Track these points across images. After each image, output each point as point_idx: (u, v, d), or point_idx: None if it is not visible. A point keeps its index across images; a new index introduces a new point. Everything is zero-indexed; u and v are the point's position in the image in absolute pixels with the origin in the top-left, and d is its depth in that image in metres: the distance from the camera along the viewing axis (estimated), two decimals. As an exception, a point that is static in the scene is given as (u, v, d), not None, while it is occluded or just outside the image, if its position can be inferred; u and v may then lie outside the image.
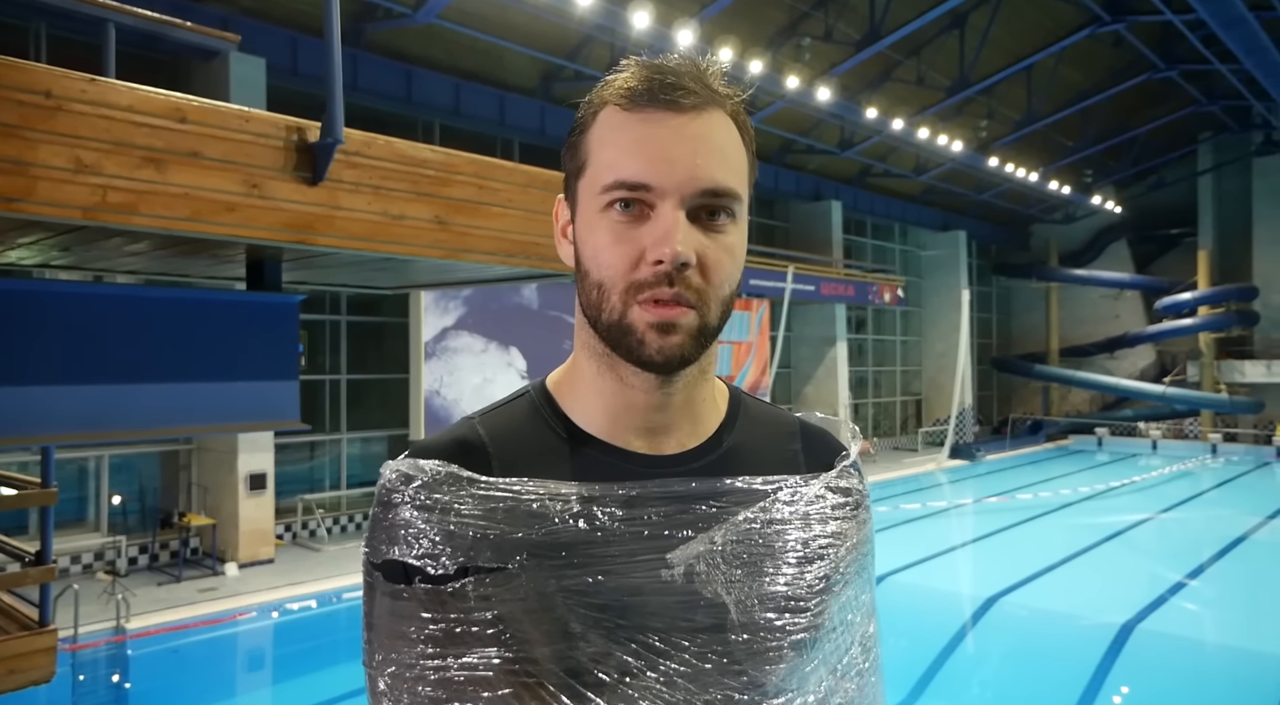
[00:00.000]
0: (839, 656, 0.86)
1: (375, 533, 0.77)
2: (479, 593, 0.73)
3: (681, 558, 0.76)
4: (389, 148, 2.46)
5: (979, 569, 10.27)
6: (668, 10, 11.32)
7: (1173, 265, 23.93)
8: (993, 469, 18.34)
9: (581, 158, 0.77)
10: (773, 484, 0.83)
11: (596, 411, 0.81)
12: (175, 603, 7.98)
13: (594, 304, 0.76)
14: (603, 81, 0.79)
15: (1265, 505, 14.07)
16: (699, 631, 0.76)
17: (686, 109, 0.74)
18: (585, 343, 0.81)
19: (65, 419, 2.58)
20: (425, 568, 0.74)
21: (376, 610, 0.77)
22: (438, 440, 0.81)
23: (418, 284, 4.06)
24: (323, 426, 11.63)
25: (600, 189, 0.74)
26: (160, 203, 2.10)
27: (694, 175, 0.73)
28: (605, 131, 0.76)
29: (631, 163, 0.73)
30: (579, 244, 0.78)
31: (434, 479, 0.77)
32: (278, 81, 9.79)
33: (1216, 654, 7.18)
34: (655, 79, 0.74)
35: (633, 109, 0.74)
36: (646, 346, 0.74)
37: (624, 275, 0.73)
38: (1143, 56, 16.40)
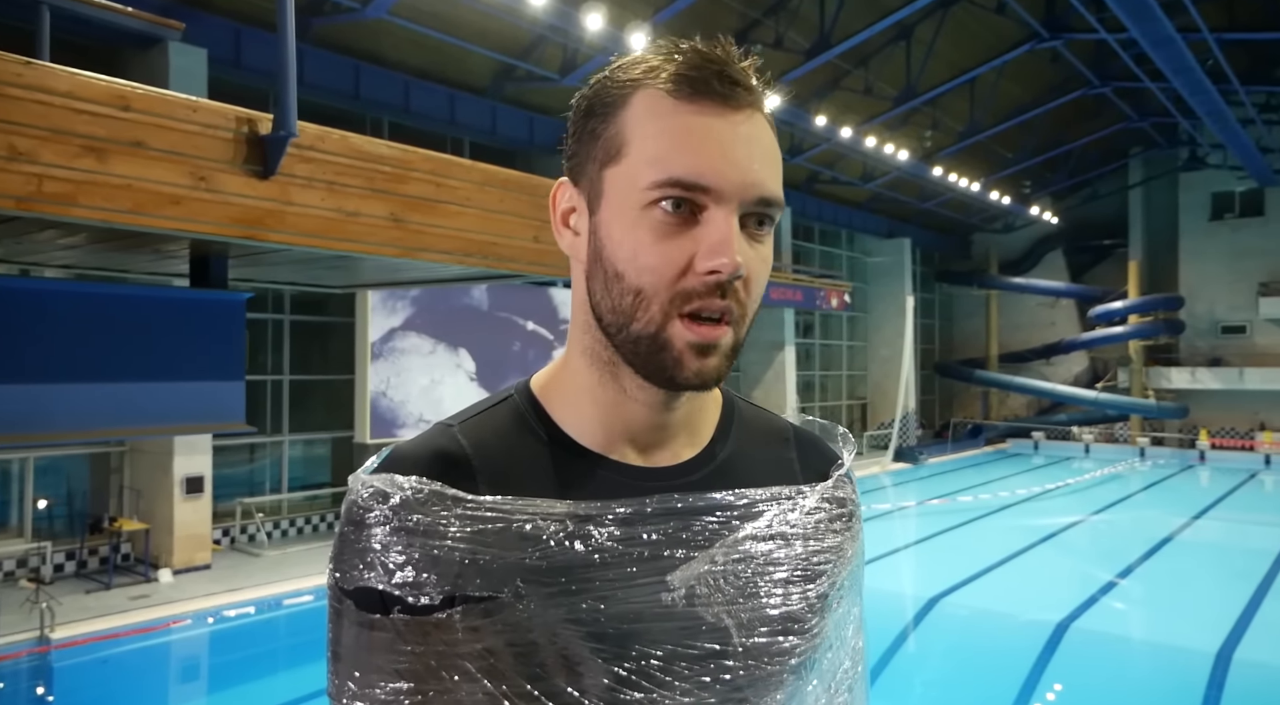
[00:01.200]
0: (832, 672, 0.84)
1: (346, 555, 0.69)
2: (468, 624, 0.67)
3: (682, 579, 0.71)
4: (344, 143, 2.39)
5: (922, 570, 10.47)
6: (621, 13, 11.33)
7: (1105, 275, 24.78)
8: (935, 472, 18.74)
9: (614, 144, 0.69)
10: (771, 496, 0.78)
11: (591, 421, 0.75)
12: (105, 611, 7.67)
13: (624, 311, 0.68)
14: (624, 59, 0.73)
15: (1189, 507, 14.65)
16: (701, 658, 0.71)
17: (742, 106, 0.68)
18: (587, 348, 0.74)
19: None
20: (405, 597, 0.67)
21: (345, 640, 0.70)
22: (415, 452, 0.73)
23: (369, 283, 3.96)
24: (264, 428, 11.33)
25: (648, 184, 0.66)
26: (100, 194, 2.00)
27: (753, 180, 0.67)
28: (649, 118, 0.67)
29: (689, 160, 0.66)
30: (605, 240, 0.70)
31: (414, 497, 0.69)
32: (220, 73, 9.51)
33: (1143, 650, 7.44)
34: (710, 68, 0.68)
35: (683, 98, 0.67)
36: (684, 368, 0.68)
37: (670, 283, 0.66)
38: (1078, 73, 16.96)
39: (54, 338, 2.53)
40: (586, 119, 0.72)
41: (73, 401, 2.44)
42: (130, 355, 2.48)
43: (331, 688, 0.71)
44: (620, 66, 0.72)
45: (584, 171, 0.72)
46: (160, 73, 8.24)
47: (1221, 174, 22.04)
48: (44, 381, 2.50)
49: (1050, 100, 18.03)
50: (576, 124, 0.73)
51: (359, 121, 11.89)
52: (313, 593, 8.53)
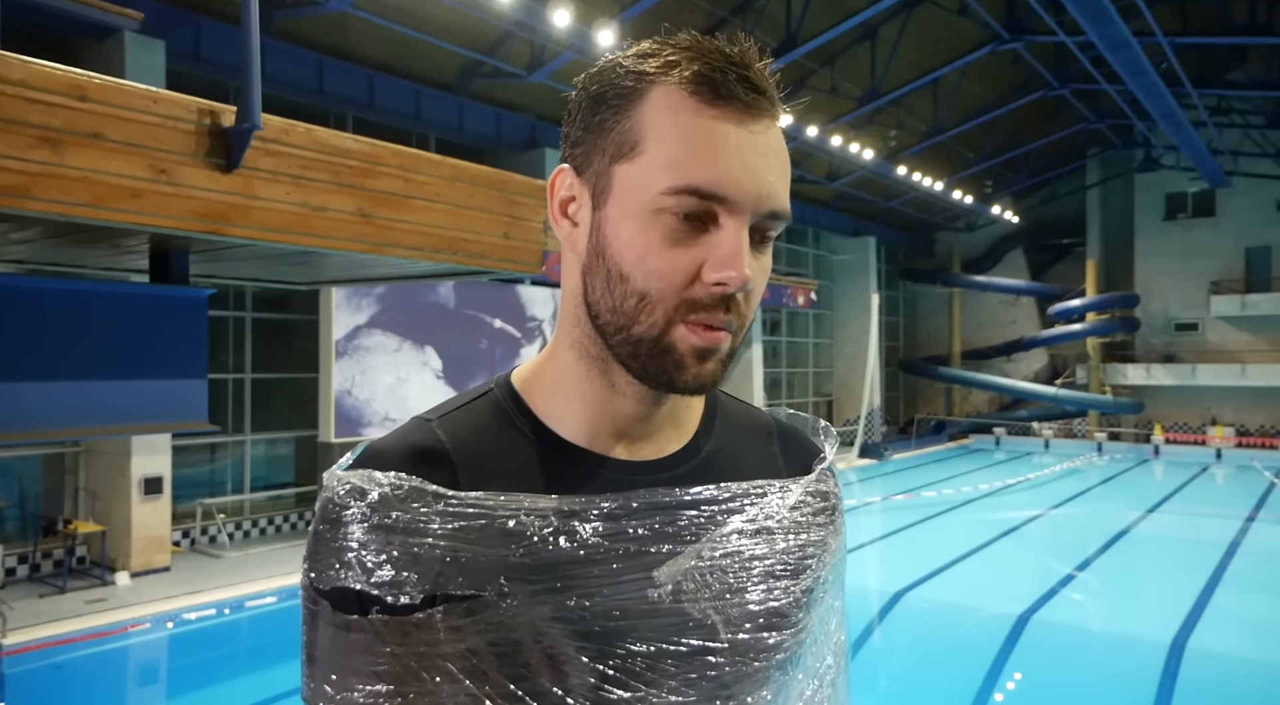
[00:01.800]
0: (816, 666, 0.83)
1: (321, 554, 0.67)
2: (449, 623, 0.65)
3: (669, 575, 0.70)
4: (310, 136, 2.35)
5: (887, 565, 10.60)
6: (588, 10, 11.30)
7: (1064, 273, 25.27)
8: (899, 467, 18.99)
9: (628, 140, 0.67)
10: (756, 490, 0.78)
11: (576, 416, 0.74)
12: (59, 615, 7.49)
13: (626, 313, 0.67)
14: (636, 49, 0.70)
15: (1144, 500, 15.02)
16: (687, 655, 0.70)
17: (762, 115, 0.67)
18: (576, 342, 0.73)
19: (-60, 419, 2.37)
20: (384, 597, 0.65)
21: (320, 642, 0.68)
22: (392, 447, 0.71)
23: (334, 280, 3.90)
24: (226, 427, 11.13)
25: (663, 188, 0.65)
26: (57, 186, 1.94)
27: (767, 193, 0.66)
28: (667, 118, 0.66)
29: (707, 169, 0.64)
30: (610, 237, 0.68)
31: (393, 493, 0.67)
32: (179, 66, 9.32)
33: (1101, 640, 7.60)
34: (733, 70, 0.66)
35: (704, 100, 0.65)
36: (685, 371, 0.67)
37: (677, 290, 0.66)
38: (1038, 74, 17.27)
39: (7, 335, 2.45)
40: (596, 108, 0.70)
41: (27, 401, 2.36)
42: (88, 353, 2.41)
43: (306, 692, 0.69)
44: (636, 55, 0.70)
45: (590, 163, 0.70)
46: (116, 64, 8.04)
47: (1175, 175, 22.61)
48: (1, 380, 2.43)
49: (1011, 101, 18.33)
50: (584, 111, 0.71)
51: (322, 116, 11.72)
52: (276, 594, 8.41)
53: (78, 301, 2.53)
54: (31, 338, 2.47)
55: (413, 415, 0.77)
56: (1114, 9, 11.03)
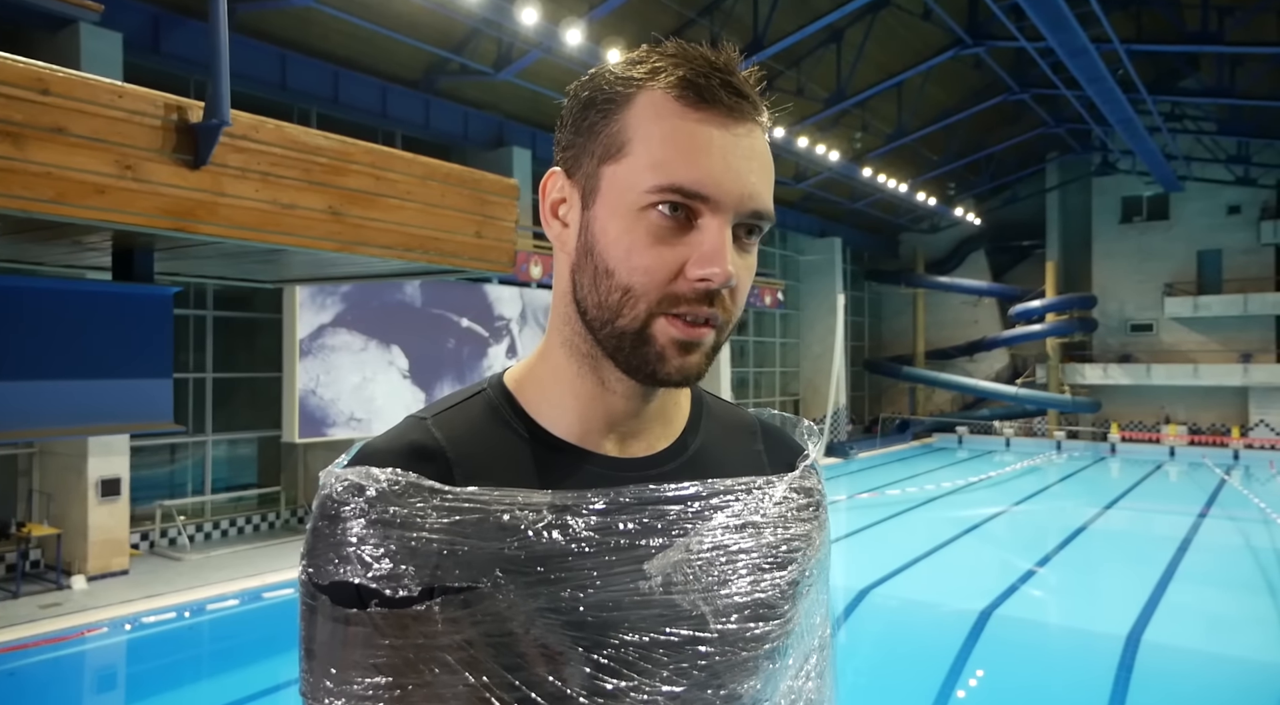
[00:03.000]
0: (804, 658, 0.85)
1: (320, 550, 0.69)
2: (447, 615, 0.66)
3: (659, 567, 0.73)
4: (279, 133, 2.31)
5: (853, 562, 10.71)
6: (556, 8, 11.27)
7: (1025, 274, 25.73)
8: (864, 466, 19.20)
9: (616, 142, 0.69)
10: (743, 486, 0.80)
11: (568, 413, 0.75)
12: (12, 620, 7.30)
13: (610, 307, 0.69)
14: (631, 56, 0.73)
15: (1102, 497, 15.37)
16: (678, 645, 0.72)
17: (745, 118, 0.70)
18: (567, 340, 0.75)
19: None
20: (383, 590, 0.66)
21: (319, 636, 0.69)
22: (388, 445, 0.73)
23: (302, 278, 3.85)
24: (187, 427, 10.92)
25: (649, 187, 0.67)
26: (19, 182, 1.89)
27: (749, 193, 0.69)
28: (653, 121, 0.68)
29: (692, 169, 0.67)
30: (597, 236, 0.70)
31: (391, 489, 0.68)
32: (137, 59, 9.13)
33: (1061, 635, 7.77)
34: (717, 76, 0.69)
35: (689, 104, 0.68)
36: (667, 363, 0.70)
37: (660, 285, 0.68)
38: (1000, 79, 17.57)
39: (-38, 333, 2.39)
40: (586, 112, 0.72)
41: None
42: (50, 352, 2.35)
43: (306, 686, 0.70)
44: (626, 62, 0.72)
45: (580, 165, 0.72)
46: (71, 57, 7.85)
47: (1130, 179, 23.15)
48: (-49, 379, 2.36)
49: (973, 105, 18.63)
50: (574, 116, 0.73)
51: (286, 112, 11.54)
52: (238, 597, 8.28)
53: (40, 299, 2.47)
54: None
55: (407, 414, 0.78)
56: (1072, 16, 11.27)
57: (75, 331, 2.41)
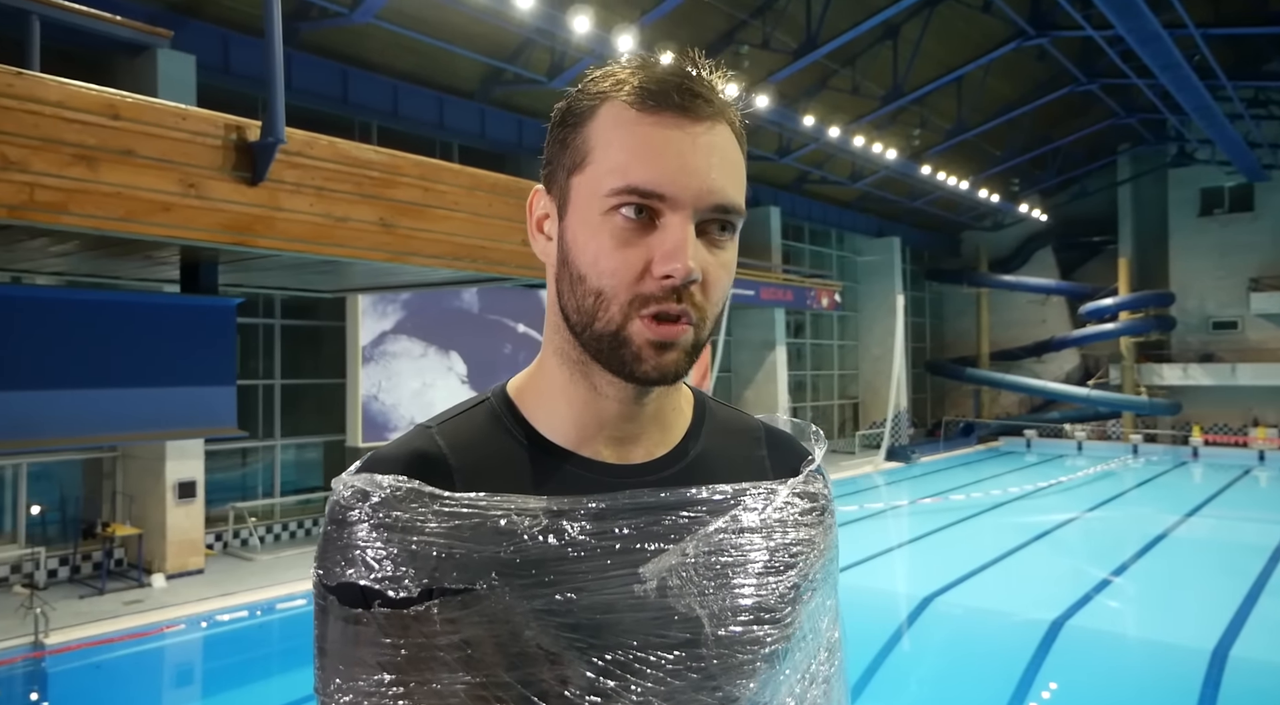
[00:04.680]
0: (807, 664, 0.85)
1: (329, 553, 0.72)
2: (445, 616, 0.69)
3: (654, 571, 0.74)
4: (332, 148, 2.40)
5: (915, 569, 10.50)
6: (608, 15, 11.35)
7: (1095, 272, 24.87)
8: (927, 470, 18.78)
9: (580, 153, 0.72)
10: (742, 491, 0.81)
11: (564, 420, 0.78)
12: (98, 616, 7.65)
13: (586, 311, 0.72)
14: (596, 72, 0.75)
15: (1183, 504, 14.71)
16: (673, 647, 0.73)
17: (702, 117, 0.71)
18: (558, 348, 0.77)
19: (-16, 427, 2.45)
20: (385, 591, 0.69)
21: (330, 635, 0.72)
22: (394, 452, 0.76)
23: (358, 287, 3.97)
24: (256, 432, 11.31)
25: (608, 191, 0.70)
26: (92, 202, 2.01)
27: (709, 188, 0.70)
28: (612, 129, 0.71)
29: (646, 169, 0.69)
30: (570, 244, 0.73)
31: (393, 495, 0.72)
32: (209, 80, 9.51)
33: (1140, 648, 7.45)
34: (670, 81, 0.71)
35: (645, 110, 0.70)
36: (643, 362, 0.71)
37: (628, 286, 0.70)
38: (1065, 70, 17.05)
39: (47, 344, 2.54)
40: (559, 129, 0.75)
41: (65, 408, 2.44)
42: (122, 361, 2.48)
43: (318, 683, 0.73)
44: (592, 78, 0.75)
45: (555, 179, 0.76)
46: (149, 80, 8.21)
47: (1210, 169, 22.15)
48: (37, 388, 2.51)
49: (1037, 97, 18.11)
50: (551, 133, 0.77)
51: (348, 126, 11.88)
52: (305, 597, 8.52)
53: (113, 312, 2.61)
54: (67, 347, 2.55)
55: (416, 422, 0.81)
56: (1142, 1, 10.87)
57: (145, 342, 2.54)
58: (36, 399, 2.47)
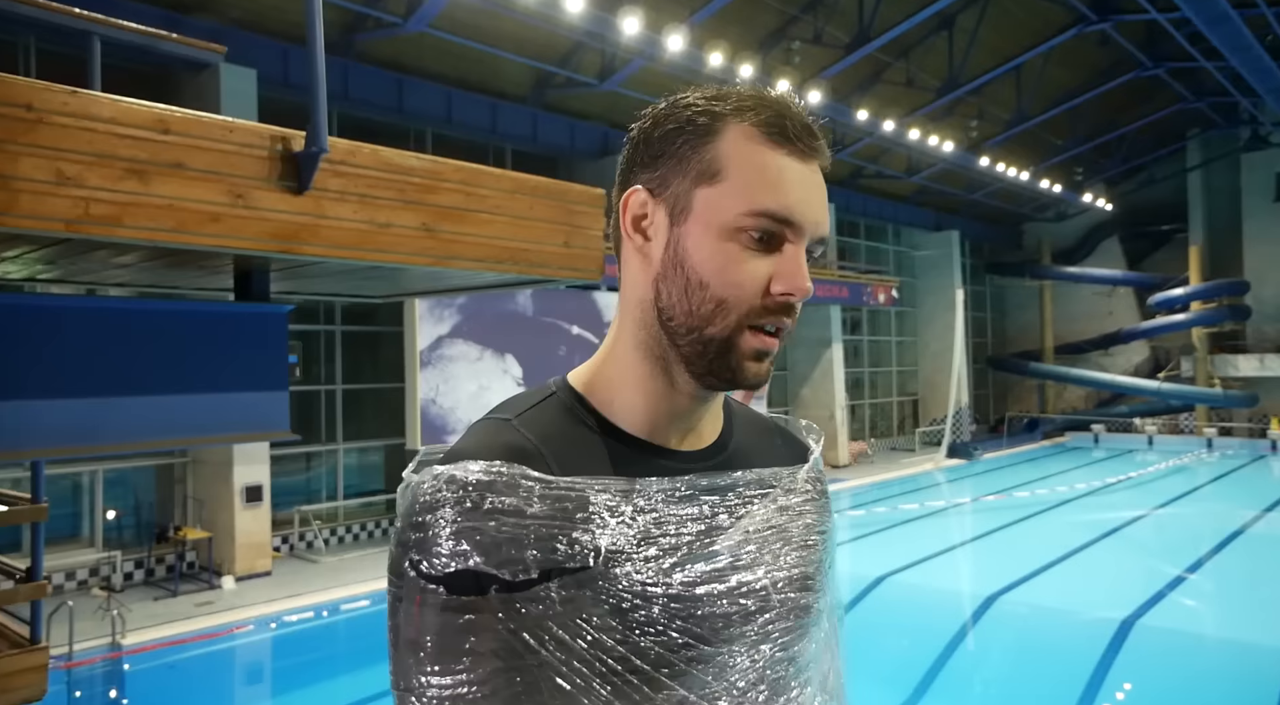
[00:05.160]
0: (830, 626, 0.96)
1: (432, 543, 0.72)
2: (564, 595, 0.73)
3: (727, 546, 0.82)
4: (374, 156, 2.45)
5: (978, 567, 10.27)
6: (657, 16, 11.36)
7: (1164, 261, 24.00)
8: (990, 467, 18.36)
9: (713, 167, 0.78)
10: (776, 475, 0.91)
11: (638, 410, 0.83)
12: (172, 617, 7.93)
13: (702, 316, 0.78)
14: (708, 91, 0.81)
15: (1261, 498, 14.11)
16: (750, 614, 0.81)
17: (815, 156, 0.80)
18: (641, 343, 0.83)
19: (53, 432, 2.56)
20: (502, 574, 0.72)
21: (431, 628, 0.72)
22: (486, 444, 0.78)
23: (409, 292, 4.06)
24: (318, 437, 11.60)
25: (745, 210, 0.77)
26: (144, 214, 2.09)
27: (820, 222, 0.80)
28: (748, 152, 0.78)
29: (784, 198, 0.77)
30: (690, 251, 0.79)
31: (499, 481, 0.74)
32: (269, 92, 9.79)
33: (1217, 648, 7.18)
34: (797, 120, 0.79)
35: (774, 140, 0.78)
36: (745, 370, 0.79)
37: (752, 298, 0.78)
38: (1129, 55, 16.48)
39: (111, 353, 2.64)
40: (674, 138, 0.80)
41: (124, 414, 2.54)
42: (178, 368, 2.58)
43: (402, 681, 0.73)
44: (702, 97, 0.81)
45: (667, 185, 0.81)
46: (212, 94, 8.51)
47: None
48: (100, 395, 2.62)
49: (1100, 84, 17.55)
50: (659, 141, 0.81)
51: (403, 134, 12.12)
52: (369, 597, 8.71)
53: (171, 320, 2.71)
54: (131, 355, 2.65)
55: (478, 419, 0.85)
56: (1209, -19, 10.45)
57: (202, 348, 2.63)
58: (100, 406, 2.58)
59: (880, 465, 17.92)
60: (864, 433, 20.92)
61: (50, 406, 2.46)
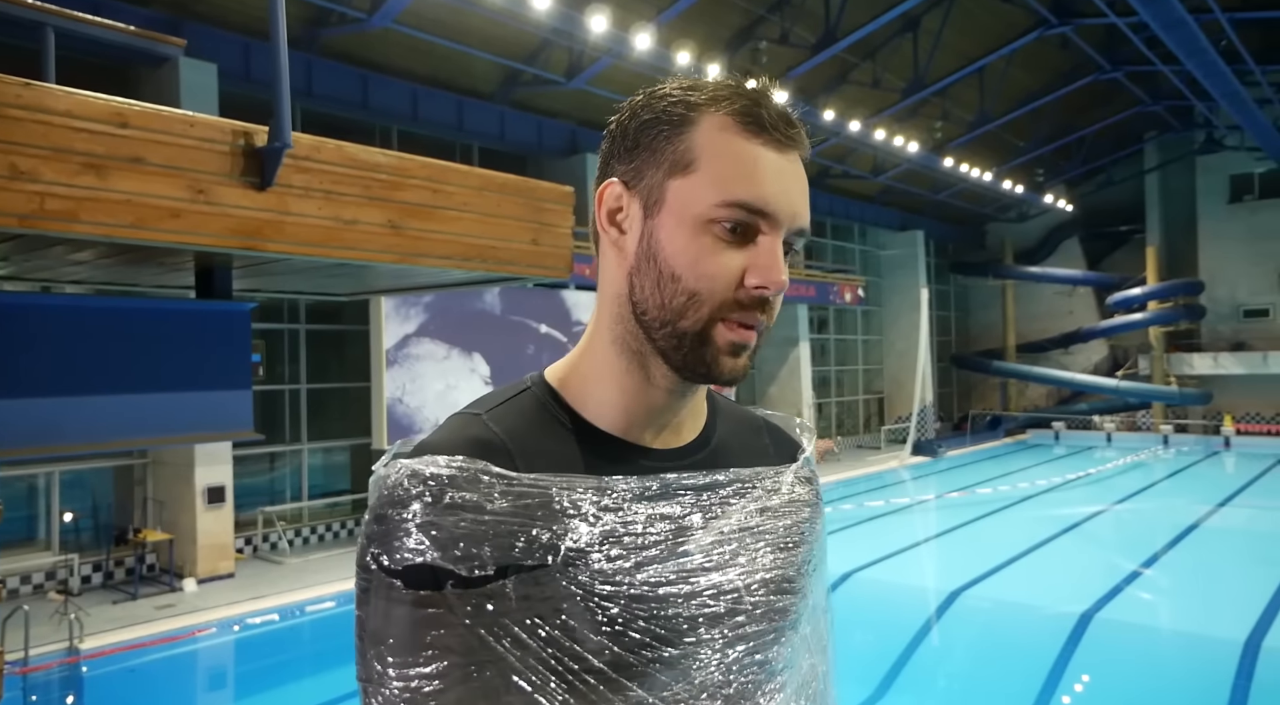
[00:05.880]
0: (814, 629, 0.94)
1: (391, 536, 0.72)
2: (520, 593, 0.72)
3: (699, 547, 0.80)
4: (339, 152, 2.42)
5: (942, 563, 10.42)
6: (625, 14, 11.35)
7: (1123, 261, 24.49)
8: (954, 465, 18.62)
9: (684, 158, 0.76)
10: (758, 474, 0.88)
11: (613, 407, 0.82)
12: (131, 621, 7.78)
13: (674, 309, 0.76)
14: (683, 82, 0.79)
15: (1215, 494, 14.48)
16: (720, 617, 0.80)
17: (794, 146, 0.78)
18: (618, 337, 0.81)
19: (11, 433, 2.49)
20: (459, 571, 0.70)
21: (387, 621, 0.71)
22: (449, 439, 0.77)
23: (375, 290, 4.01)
24: (282, 437, 11.44)
25: (718, 201, 0.75)
26: (102, 210, 2.04)
27: (798, 213, 0.77)
28: (721, 142, 0.76)
29: (758, 188, 0.75)
30: (663, 243, 0.77)
31: (461, 475, 0.73)
32: (231, 87, 9.62)
33: (1171, 640, 7.36)
34: (772, 108, 0.77)
35: (749, 131, 0.76)
36: (721, 364, 0.77)
37: (725, 291, 0.75)
38: (1089, 58, 16.80)
39: (68, 351, 2.58)
40: (648, 129, 0.78)
41: (85, 414, 2.48)
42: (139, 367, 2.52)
43: (365, 672, 0.73)
44: (679, 88, 0.79)
45: (641, 177, 0.79)
46: (171, 88, 8.31)
47: (1239, 156, 21.73)
48: (59, 395, 2.55)
49: (1061, 87, 17.86)
50: (635, 132, 0.79)
51: (368, 131, 11.99)
52: (335, 599, 8.61)
53: (130, 318, 2.65)
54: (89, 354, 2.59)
55: (452, 414, 0.83)
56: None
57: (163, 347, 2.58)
58: (59, 405, 2.51)
59: (846, 463, 18.09)
60: (830, 431, 21.10)
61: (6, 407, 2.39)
